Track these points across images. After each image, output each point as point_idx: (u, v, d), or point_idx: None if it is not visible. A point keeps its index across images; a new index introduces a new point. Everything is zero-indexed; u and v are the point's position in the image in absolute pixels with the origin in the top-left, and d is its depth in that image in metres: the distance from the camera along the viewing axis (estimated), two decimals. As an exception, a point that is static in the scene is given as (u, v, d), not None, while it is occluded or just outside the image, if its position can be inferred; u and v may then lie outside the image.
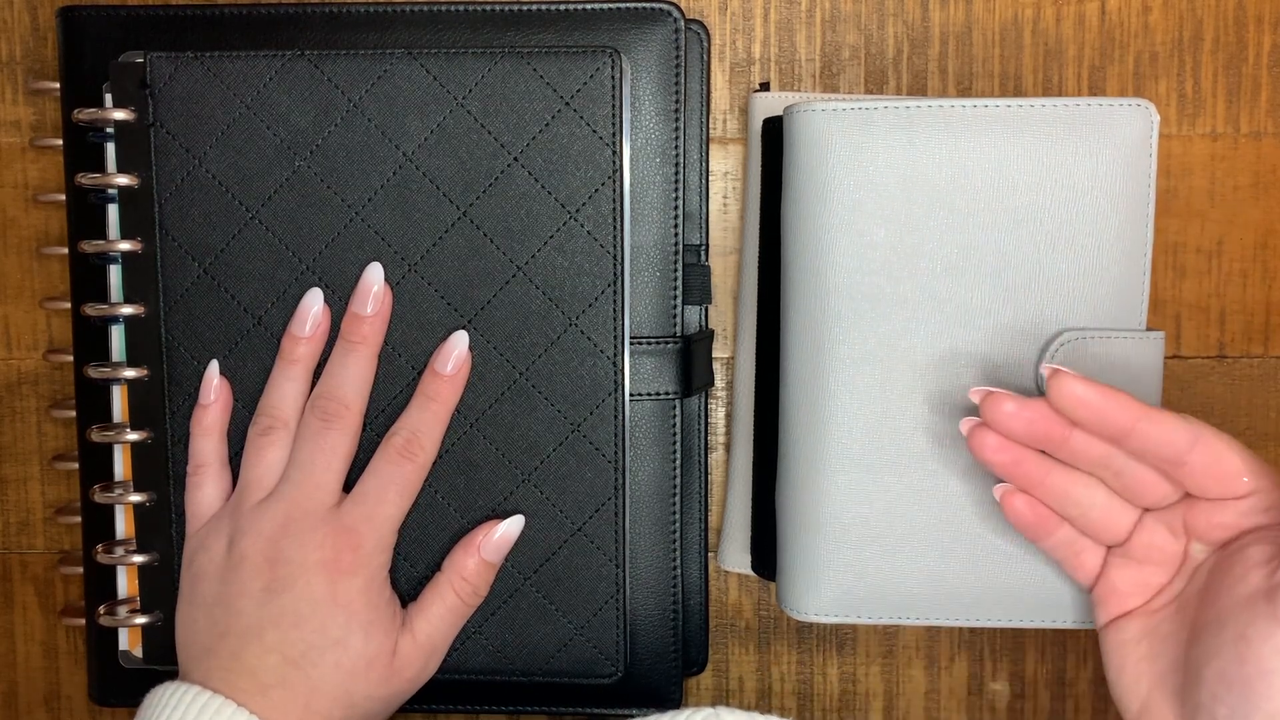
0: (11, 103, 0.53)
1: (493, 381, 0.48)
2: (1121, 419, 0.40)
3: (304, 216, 0.47)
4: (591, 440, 0.48)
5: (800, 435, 0.47)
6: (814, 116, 0.45)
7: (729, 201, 0.52)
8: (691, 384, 0.50)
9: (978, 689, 0.53)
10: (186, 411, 0.48)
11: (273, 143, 0.47)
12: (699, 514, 0.51)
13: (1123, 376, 0.45)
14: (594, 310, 0.47)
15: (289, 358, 0.47)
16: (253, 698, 0.43)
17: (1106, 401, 0.40)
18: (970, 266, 0.45)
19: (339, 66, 0.47)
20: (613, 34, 0.49)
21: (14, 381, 0.54)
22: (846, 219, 0.45)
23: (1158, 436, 0.39)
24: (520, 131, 0.47)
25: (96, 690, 0.52)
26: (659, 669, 0.51)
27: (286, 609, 0.43)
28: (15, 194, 0.53)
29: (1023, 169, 0.45)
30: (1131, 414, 0.40)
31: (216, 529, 0.46)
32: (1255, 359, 0.52)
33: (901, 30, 0.52)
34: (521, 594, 0.49)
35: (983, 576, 0.47)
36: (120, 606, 0.50)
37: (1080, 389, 0.40)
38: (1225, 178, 0.51)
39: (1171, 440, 0.39)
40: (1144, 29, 0.51)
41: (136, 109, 0.47)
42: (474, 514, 0.48)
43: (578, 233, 0.47)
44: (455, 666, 0.49)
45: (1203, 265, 0.52)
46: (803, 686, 0.54)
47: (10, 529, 0.54)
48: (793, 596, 0.48)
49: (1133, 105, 0.45)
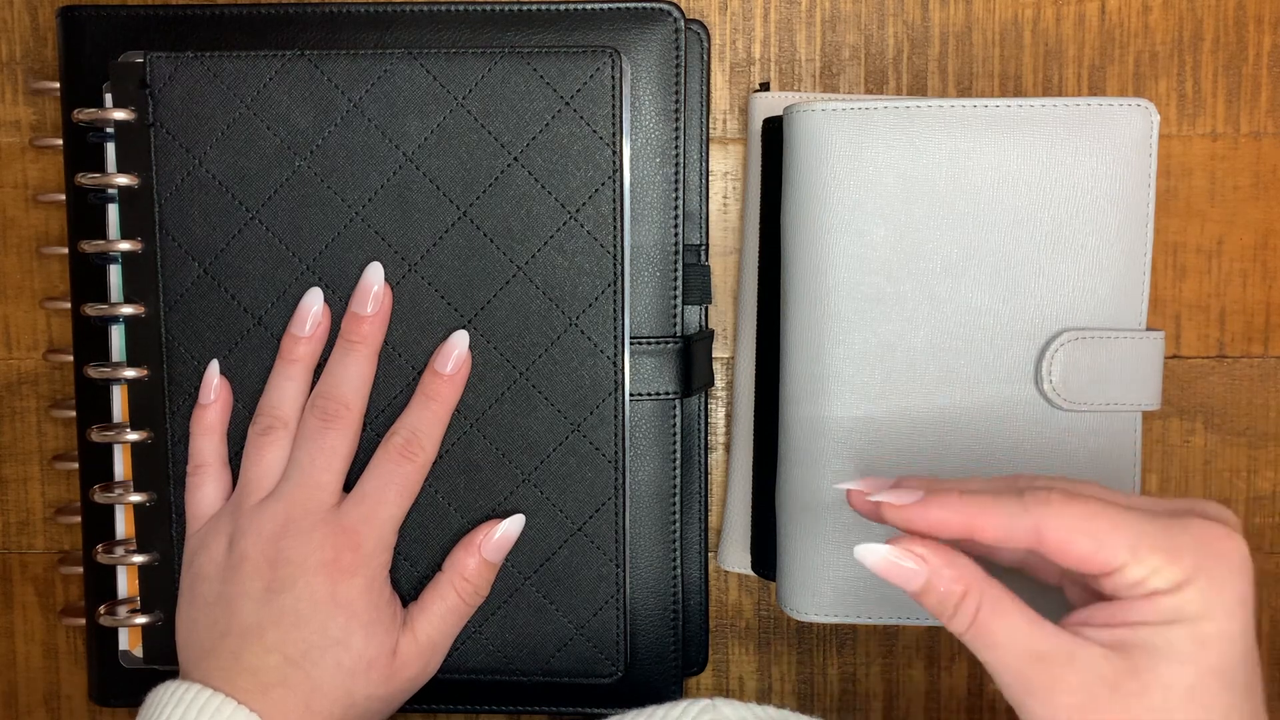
0: (11, 103, 0.53)
1: (493, 381, 0.48)
2: (951, 529, 0.36)
3: (304, 216, 0.47)
4: (591, 440, 0.48)
5: (800, 435, 0.47)
6: (814, 116, 0.45)
7: (729, 201, 0.52)
8: (691, 384, 0.50)
9: (978, 689, 0.53)
10: (186, 411, 0.48)
11: (273, 143, 0.47)
12: (699, 514, 0.51)
13: (1123, 376, 0.45)
14: (594, 310, 0.47)
15: (289, 357, 0.47)
16: (253, 697, 0.43)
17: (925, 521, 0.37)
18: (970, 266, 0.45)
19: (339, 66, 0.47)
20: (613, 34, 0.49)
21: (14, 381, 0.54)
22: (846, 219, 0.45)
23: (991, 538, 0.36)
24: (520, 131, 0.47)
25: (96, 690, 0.52)
26: (659, 669, 0.51)
27: (287, 609, 0.43)
28: (15, 194, 0.53)
29: (1023, 169, 0.45)
30: (960, 519, 0.36)
31: (216, 529, 0.46)
32: (1255, 359, 0.52)
33: (901, 30, 0.52)
34: (522, 594, 0.49)
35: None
36: (120, 606, 0.50)
37: (893, 515, 0.37)
38: (1225, 178, 0.51)
39: (1006, 539, 0.36)
40: (1144, 29, 0.51)
41: (136, 109, 0.47)
42: (474, 514, 0.48)
43: (578, 233, 0.47)
44: (455, 666, 0.49)
45: (1203, 265, 0.52)
46: (803, 686, 0.54)
47: (10, 529, 0.54)
48: (793, 596, 0.48)
49: (1133, 105, 0.45)
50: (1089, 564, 0.35)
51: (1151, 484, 0.52)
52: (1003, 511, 0.36)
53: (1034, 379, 0.46)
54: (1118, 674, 0.34)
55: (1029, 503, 0.35)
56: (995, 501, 0.36)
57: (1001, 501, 0.36)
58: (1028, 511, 0.35)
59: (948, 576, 0.36)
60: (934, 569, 0.36)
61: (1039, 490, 0.36)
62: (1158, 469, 0.52)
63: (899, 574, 0.36)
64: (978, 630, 0.36)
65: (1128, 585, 0.35)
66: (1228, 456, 0.52)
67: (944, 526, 0.36)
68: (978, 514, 0.36)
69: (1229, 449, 0.52)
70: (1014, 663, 0.35)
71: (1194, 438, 0.52)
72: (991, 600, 0.36)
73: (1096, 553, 0.35)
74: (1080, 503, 0.35)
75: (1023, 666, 0.35)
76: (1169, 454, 0.52)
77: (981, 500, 0.36)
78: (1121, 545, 0.35)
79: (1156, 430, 0.52)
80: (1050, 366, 0.45)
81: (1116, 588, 0.35)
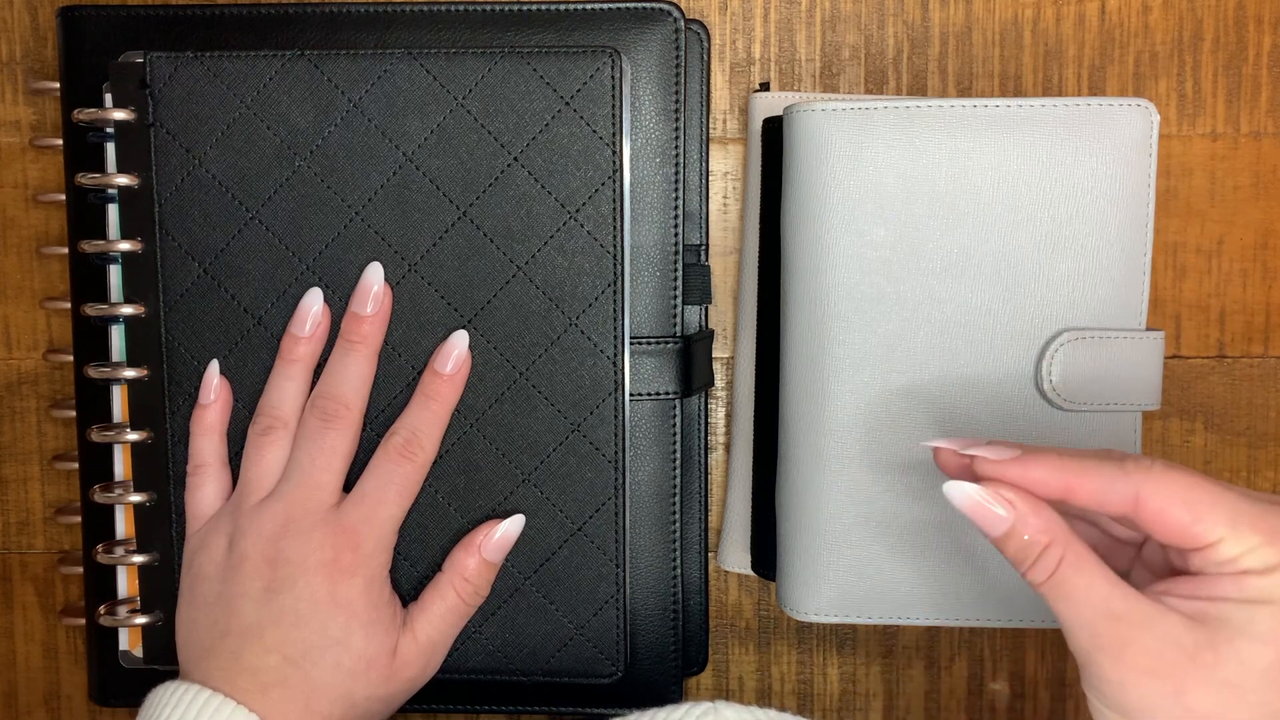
0: (11, 103, 0.53)
1: (493, 381, 0.48)
2: (1048, 489, 0.36)
3: (304, 216, 0.47)
4: (591, 440, 0.48)
5: (800, 435, 0.47)
6: (814, 116, 0.45)
7: (729, 201, 0.52)
8: (691, 384, 0.50)
9: (978, 689, 0.53)
10: (186, 411, 0.48)
11: (273, 143, 0.47)
12: (699, 514, 0.51)
13: (1123, 376, 0.45)
14: (594, 310, 0.47)
15: (289, 357, 0.47)
16: (253, 697, 0.43)
17: (1024, 477, 0.36)
18: (970, 266, 0.45)
19: (339, 66, 0.47)
20: (613, 34, 0.49)
21: (14, 381, 0.54)
22: (846, 219, 0.45)
23: (1087, 501, 0.36)
24: (520, 131, 0.47)
25: (96, 690, 0.52)
26: (659, 669, 0.51)
27: (287, 609, 0.43)
28: (15, 194, 0.53)
29: (1023, 169, 0.45)
30: (1059, 478, 0.36)
31: (216, 529, 0.46)
32: (1255, 359, 0.52)
33: (901, 30, 0.52)
34: (522, 594, 0.49)
35: (983, 576, 0.47)
36: (120, 606, 0.50)
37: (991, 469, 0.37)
38: (1225, 178, 0.51)
39: (1102, 503, 0.36)
40: (1144, 29, 0.51)
41: (136, 109, 0.47)
42: (474, 514, 0.48)
43: (578, 233, 0.47)
44: (455, 666, 0.49)
45: (1203, 265, 0.52)
46: (803, 686, 0.54)
47: (10, 529, 0.54)
48: (793, 596, 0.48)
49: (1133, 105, 0.45)
50: (1184, 535, 0.35)
51: (1151, 484, 0.52)
52: (1103, 474, 0.35)
53: (1034, 379, 0.46)
54: (1196, 644, 0.35)
55: (1130, 468, 0.35)
56: (1095, 464, 0.36)
57: (1102, 464, 0.36)
58: (1129, 476, 0.35)
59: (1034, 525, 0.36)
60: (1021, 516, 0.36)
61: (1141, 459, 0.36)
62: (1158, 469, 0.52)
63: (985, 516, 0.37)
64: (1057, 581, 0.36)
65: (1219, 562, 0.35)
66: (1228, 456, 0.52)
67: (1042, 485, 0.36)
68: (1077, 474, 0.36)
69: (1229, 449, 0.52)
70: (1090, 618, 0.35)
71: (1194, 438, 0.52)
72: (1075, 555, 0.36)
73: (1194, 524, 0.35)
74: (1182, 473, 0.35)
75: (1098, 623, 0.35)
76: (1169, 454, 0.52)
77: (1081, 462, 0.36)
78: (1220, 520, 0.35)
79: (1156, 430, 0.52)
80: (1050, 366, 0.45)
81: (1206, 563, 0.35)
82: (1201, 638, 0.35)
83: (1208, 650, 0.34)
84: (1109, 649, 0.35)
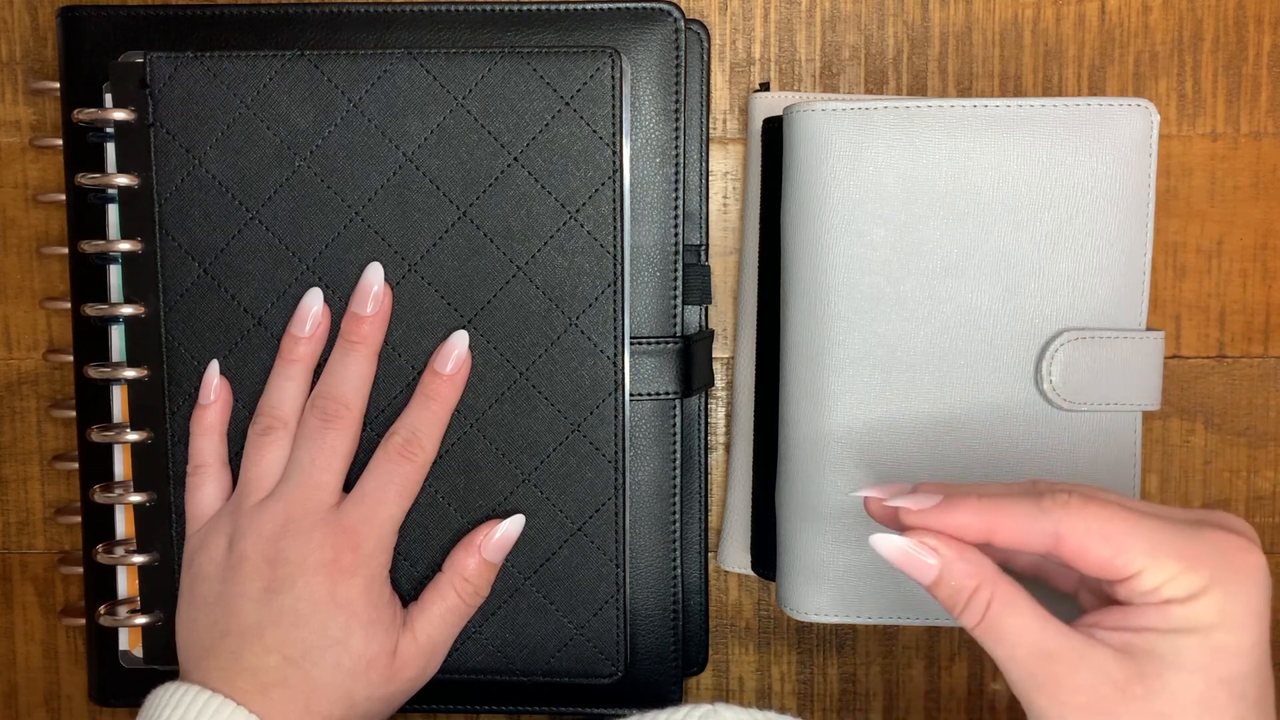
0: (11, 103, 0.53)
1: (493, 381, 0.48)
2: (970, 533, 0.36)
3: (304, 216, 0.47)
4: (591, 440, 0.48)
5: (800, 435, 0.47)
6: (814, 116, 0.45)
7: (729, 201, 0.52)
8: (691, 384, 0.50)
9: (978, 689, 0.53)
10: (186, 411, 0.48)
11: (273, 143, 0.47)
12: (699, 514, 0.51)
13: (1123, 376, 0.45)
14: (594, 310, 0.47)
15: (289, 357, 0.47)
16: (253, 697, 0.43)
17: (944, 525, 0.37)
18: (970, 266, 0.45)
19: (339, 66, 0.47)
20: (613, 34, 0.49)
21: (14, 381, 0.54)
22: (846, 219, 0.45)
23: (1009, 542, 0.36)
24: (520, 131, 0.47)
25: (96, 690, 0.52)
26: (659, 669, 0.51)
27: (286, 609, 0.43)
28: (15, 194, 0.53)
29: (1023, 169, 0.45)
30: (979, 522, 0.36)
31: (216, 529, 0.46)
32: (1255, 359, 0.52)
33: (901, 30, 0.52)
34: (522, 594, 0.49)
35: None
36: (120, 606, 0.50)
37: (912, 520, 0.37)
38: (1225, 178, 0.51)
39: (1024, 543, 0.36)
40: (1144, 29, 0.51)
41: (136, 109, 0.47)
42: (474, 514, 0.48)
43: (578, 233, 0.47)
44: (455, 666, 0.49)
45: (1203, 265, 0.52)
46: (803, 686, 0.54)
47: (10, 529, 0.54)
48: (793, 596, 0.48)
49: (1133, 105, 0.45)
50: (1106, 569, 0.35)
51: (1151, 484, 0.52)
52: (1021, 514, 0.36)
53: (1034, 379, 0.46)
54: (1127, 678, 0.34)
55: (1047, 506, 0.35)
56: (1014, 504, 0.36)
57: (1020, 504, 0.36)
58: (1046, 514, 0.35)
59: (960, 571, 0.36)
60: (947, 562, 0.36)
61: (1058, 494, 0.36)
62: (1158, 469, 0.52)
63: (913, 565, 0.37)
64: (988, 625, 0.36)
65: (1143, 592, 0.35)
66: (1228, 456, 0.52)
67: (963, 530, 0.36)
68: (996, 517, 0.36)
69: (1229, 449, 0.52)
70: (1023, 659, 0.35)
71: (1194, 438, 0.52)
72: (1003, 596, 0.36)
73: (1114, 558, 0.35)
74: (1099, 506, 0.35)
75: (1032, 663, 0.35)
76: (1169, 454, 0.52)
77: (1000, 503, 0.36)
78: (1139, 551, 0.35)
79: (1156, 430, 0.52)
80: (1050, 366, 0.45)
81: (1131, 594, 0.35)
82: (1131, 671, 0.34)
83: (1137, 683, 0.34)
84: (1044, 688, 0.35)
